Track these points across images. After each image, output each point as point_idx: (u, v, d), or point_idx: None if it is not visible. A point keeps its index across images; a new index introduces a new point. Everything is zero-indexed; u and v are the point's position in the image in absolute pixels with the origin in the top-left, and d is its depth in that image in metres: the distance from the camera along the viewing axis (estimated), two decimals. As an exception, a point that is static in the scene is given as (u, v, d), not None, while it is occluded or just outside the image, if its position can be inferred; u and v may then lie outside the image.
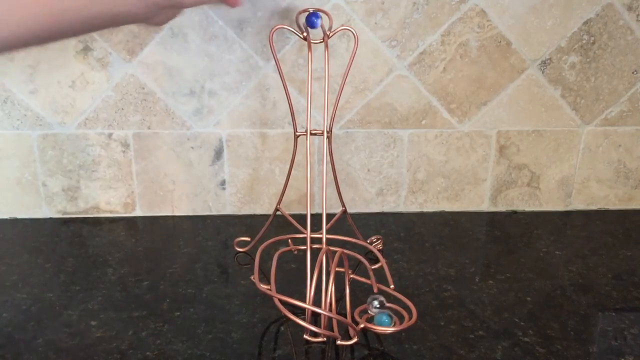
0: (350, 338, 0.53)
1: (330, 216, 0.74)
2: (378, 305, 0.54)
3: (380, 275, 0.63)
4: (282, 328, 0.56)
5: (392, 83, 0.76)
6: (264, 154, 0.79)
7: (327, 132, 0.60)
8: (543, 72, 0.76)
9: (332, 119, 0.65)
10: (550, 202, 0.84)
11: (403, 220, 0.81)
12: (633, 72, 0.77)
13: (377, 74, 0.76)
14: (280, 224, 0.75)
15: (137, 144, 0.78)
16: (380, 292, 0.59)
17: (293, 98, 0.76)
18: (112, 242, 0.74)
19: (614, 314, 0.59)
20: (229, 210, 0.82)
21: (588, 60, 0.76)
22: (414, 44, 0.74)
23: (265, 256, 0.67)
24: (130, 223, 0.80)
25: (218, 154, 0.79)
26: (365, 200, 0.82)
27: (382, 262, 0.64)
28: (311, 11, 0.61)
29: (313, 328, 0.52)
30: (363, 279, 0.63)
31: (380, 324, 0.52)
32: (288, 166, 0.67)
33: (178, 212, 0.82)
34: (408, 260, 0.69)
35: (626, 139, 0.81)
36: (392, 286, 0.60)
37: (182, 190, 0.80)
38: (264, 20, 0.73)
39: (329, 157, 0.61)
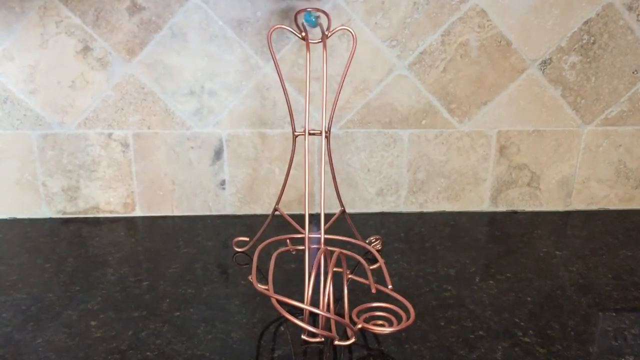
0: (348, 338, 0.53)
1: (329, 216, 0.74)
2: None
3: (379, 276, 0.63)
4: (282, 328, 0.56)
5: (392, 83, 0.76)
6: (264, 154, 0.79)
7: (326, 132, 0.60)
8: (543, 72, 0.76)
9: (331, 119, 0.65)
10: (550, 202, 0.83)
11: (403, 220, 0.81)
12: (633, 72, 0.77)
13: (377, 73, 0.76)
14: (280, 223, 0.76)
15: (137, 144, 0.78)
16: (379, 292, 0.59)
17: (293, 98, 0.76)
18: (112, 242, 0.74)
19: (614, 314, 0.59)
20: (228, 210, 0.82)
21: (588, 60, 0.76)
22: (414, 43, 0.74)
23: (265, 256, 0.67)
24: (130, 223, 0.80)
25: (218, 154, 0.79)
26: (365, 200, 0.82)
27: (381, 262, 0.64)
28: (308, 9, 0.61)
29: (311, 328, 0.52)
30: (361, 279, 0.63)
31: (308, 22, 0.48)
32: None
33: (178, 212, 0.82)
34: (408, 260, 0.69)
35: (626, 139, 0.80)
36: (390, 286, 0.60)
37: (182, 190, 0.80)
38: (264, 20, 0.73)
39: (327, 157, 0.61)
